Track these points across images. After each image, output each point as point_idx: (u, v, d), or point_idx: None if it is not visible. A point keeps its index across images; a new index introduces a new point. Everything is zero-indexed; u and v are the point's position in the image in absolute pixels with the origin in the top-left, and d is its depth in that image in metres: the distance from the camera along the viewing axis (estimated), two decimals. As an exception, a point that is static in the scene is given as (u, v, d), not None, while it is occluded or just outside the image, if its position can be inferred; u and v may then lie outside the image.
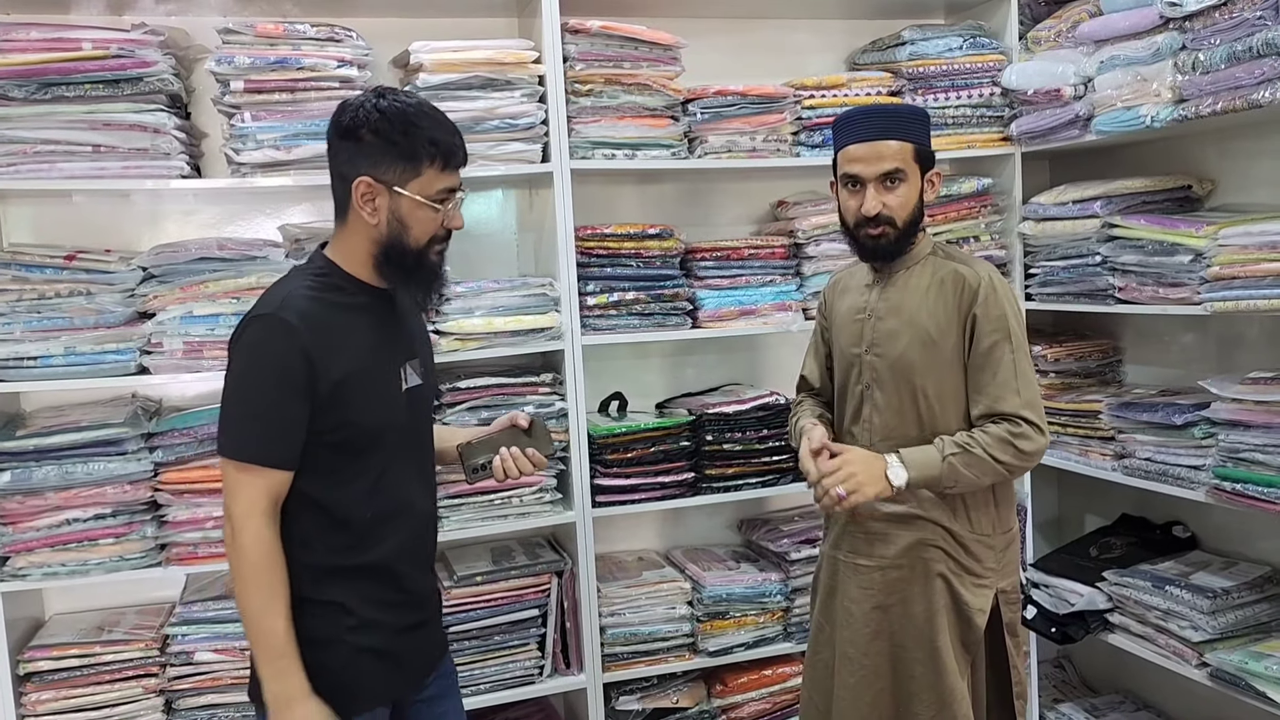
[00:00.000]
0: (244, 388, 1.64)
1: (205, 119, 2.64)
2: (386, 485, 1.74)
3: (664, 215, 2.94)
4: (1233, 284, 2.34)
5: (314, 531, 1.69)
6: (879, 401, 2.11)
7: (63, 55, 2.28)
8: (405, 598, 1.79)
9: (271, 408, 1.62)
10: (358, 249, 1.71)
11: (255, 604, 1.62)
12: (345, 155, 1.68)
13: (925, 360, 2.05)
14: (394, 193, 1.66)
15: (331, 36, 2.46)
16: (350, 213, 1.70)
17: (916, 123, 2.08)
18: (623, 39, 2.65)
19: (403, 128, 1.65)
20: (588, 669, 2.71)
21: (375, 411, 1.71)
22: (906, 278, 2.10)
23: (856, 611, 2.13)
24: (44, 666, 2.39)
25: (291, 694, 1.62)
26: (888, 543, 2.10)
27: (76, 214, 2.60)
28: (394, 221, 1.68)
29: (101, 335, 2.37)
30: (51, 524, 2.35)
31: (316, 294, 1.68)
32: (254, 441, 1.63)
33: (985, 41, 2.97)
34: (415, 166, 1.66)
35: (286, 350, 1.61)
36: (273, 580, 1.63)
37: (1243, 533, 2.75)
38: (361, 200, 1.66)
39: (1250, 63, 2.20)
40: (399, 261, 1.70)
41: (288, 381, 1.61)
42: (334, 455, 1.68)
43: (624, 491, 2.73)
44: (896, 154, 2.01)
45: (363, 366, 1.69)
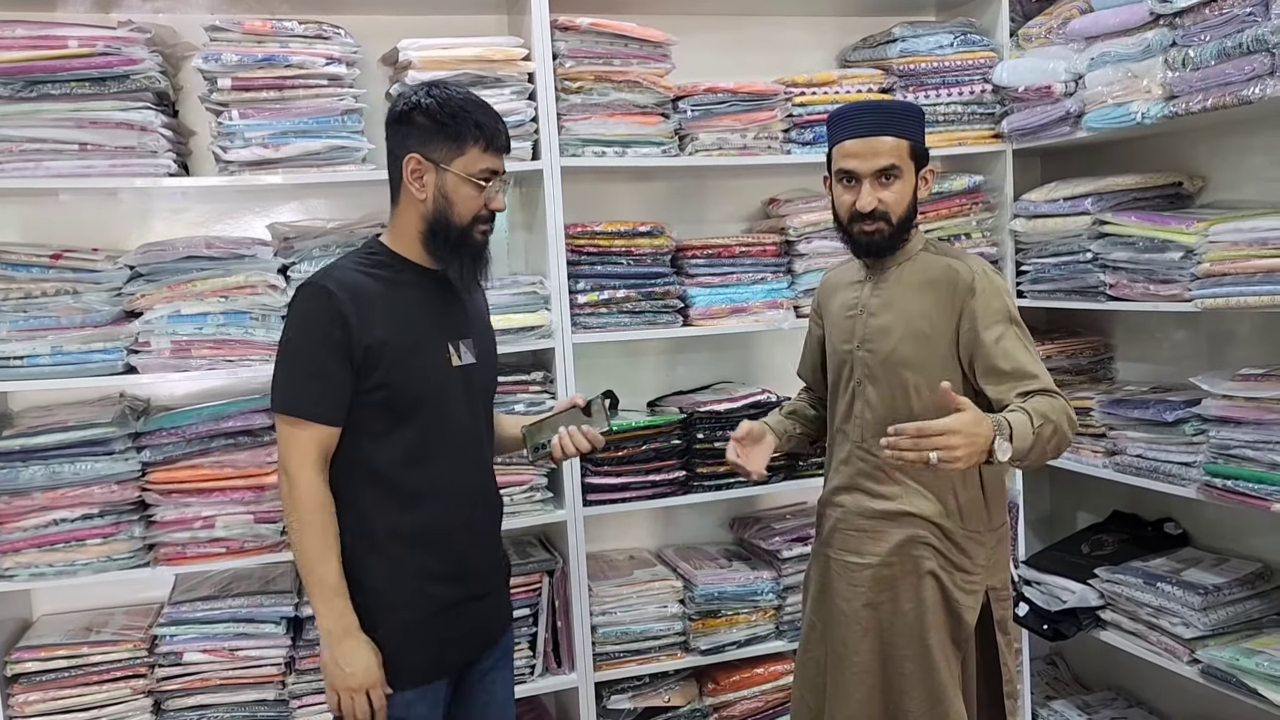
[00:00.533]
0: (289, 349, 1.80)
1: (193, 117, 2.62)
2: (433, 454, 1.84)
3: (655, 213, 2.94)
4: (1223, 281, 2.34)
5: (364, 495, 1.81)
6: (871, 397, 2.10)
7: (49, 53, 2.27)
8: (455, 570, 1.88)
9: (313, 366, 1.76)
10: (408, 228, 1.85)
11: (312, 549, 1.76)
12: (398, 138, 1.82)
13: (917, 356, 2.05)
14: (440, 170, 1.80)
15: (320, 34, 2.45)
16: (402, 192, 1.84)
17: (911, 119, 2.07)
18: (613, 36, 2.64)
19: (450, 111, 1.79)
20: (579, 668, 2.70)
21: (415, 378, 1.81)
22: (899, 274, 2.10)
23: (847, 609, 2.12)
24: (31, 668, 2.37)
25: (346, 628, 1.76)
26: (879, 540, 2.10)
27: (63, 212, 2.58)
28: (440, 198, 1.81)
29: (88, 334, 2.36)
30: (39, 524, 2.34)
31: (360, 268, 1.83)
32: (300, 397, 1.77)
33: (976, 38, 2.97)
34: (460, 146, 1.80)
35: (325, 313, 1.75)
36: (325, 526, 1.77)
37: (1234, 529, 2.75)
38: (411, 176, 1.80)
39: (1240, 59, 2.20)
40: (444, 237, 1.83)
41: (327, 342, 1.75)
42: (378, 416, 1.79)
43: (615, 490, 2.73)
44: (892, 150, 2.01)
45: (403, 334, 1.80)
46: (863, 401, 2.11)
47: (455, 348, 1.88)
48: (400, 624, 1.81)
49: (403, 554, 1.82)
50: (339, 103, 2.46)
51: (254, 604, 2.50)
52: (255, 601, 2.51)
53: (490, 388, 2.03)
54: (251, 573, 2.63)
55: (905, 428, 1.76)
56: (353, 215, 2.67)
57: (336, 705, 1.78)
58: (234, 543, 2.45)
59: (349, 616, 1.77)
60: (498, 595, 2.01)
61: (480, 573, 1.94)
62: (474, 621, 1.92)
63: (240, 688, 2.47)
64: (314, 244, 2.52)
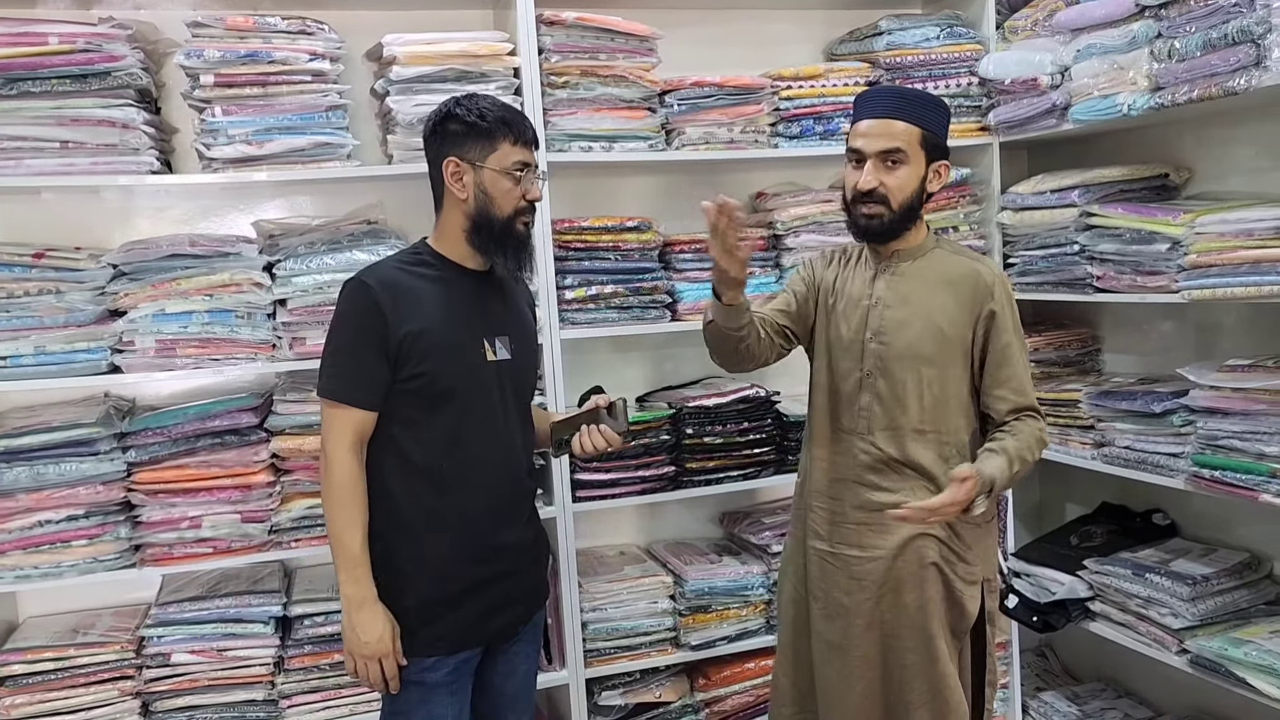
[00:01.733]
0: (332, 338, 1.93)
1: (176, 114, 2.60)
2: (466, 441, 1.94)
3: (642, 208, 2.93)
4: (1210, 272, 2.35)
5: (397, 479, 1.93)
6: (881, 390, 2.10)
7: (29, 50, 2.25)
8: (482, 551, 1.98)
9: (351, 354, 1.90)
10: (452, 229, 1.97)
11: (339, 521, 1.89)
12: (435, 147, 1.95)
13: (934, 352, 2.07)
14: (477, 168, 1.92)
15: (303, 29, 2.44)
16: (445, 196, 1.96)
17: (931, 110, 2.08)
18: (598, 30, 2.63)
19: (478, 112, 1.92)
20: (570, 664, 2.70)
21: (449, 368, 1.92)
22: (914, 269, 2.12)
23: (848, 603, 2.13)
24: (18, 670, 2.36)
25: (364, 597, 1.89)
26: (883, 534, 2.10)
27: (45, 211, 2.56)
28: (480, 194, 1.93)
29: (72, 334, 2.34)
30: (23, 526, 2.32)
31: (401, 266, 1.96)
32: (339, 382, 1.90)
33: (962, 31, 2.96)
34: (492, 143, 1.92)
35: (363, 305, 1.88)
36: (354, 502, 1.89)
37: (1222, 519, 2.77)
38: (451, 178, 1.93)
39: (1225, 50, 2.20)
40: (488, 231, 1.94)
41: (364, 331, 1.88)
42: (414, 403, 1.91)
43: (604, 486, 2.72)
44: (900, 134, 2.02)
45: (438, 326, 1.91)
46: (871, 394, 2.11)
47: (491, 343, 1.98)
48: (427, 598, 1.93)
49: (432, 535, 1.94)
50: (323, 99, 2.45)
51: (242, 604, 2.49)
52: (243, 601, 2.49)
53: (527, 382, 2.14)
54: (239, 572, 2.62)
55: (916, 510, 1.88)
56: (338, 212, 2.66)
57: (353, 669, 1.91)
58: (221, 542, 2.44)
59: (368, 587, 1.89)
60: (527, 574, 2.11)
61: (508, 553, 2.03)
62: (501, 598, 2.02)
63: (229, 688, 2.45)
64: (299, 241, 2.51)
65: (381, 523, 1.93)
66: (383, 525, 1.93)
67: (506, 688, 2.12)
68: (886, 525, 2.08)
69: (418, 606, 1.93)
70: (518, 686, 2.14)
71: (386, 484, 1.94)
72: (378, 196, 2.66)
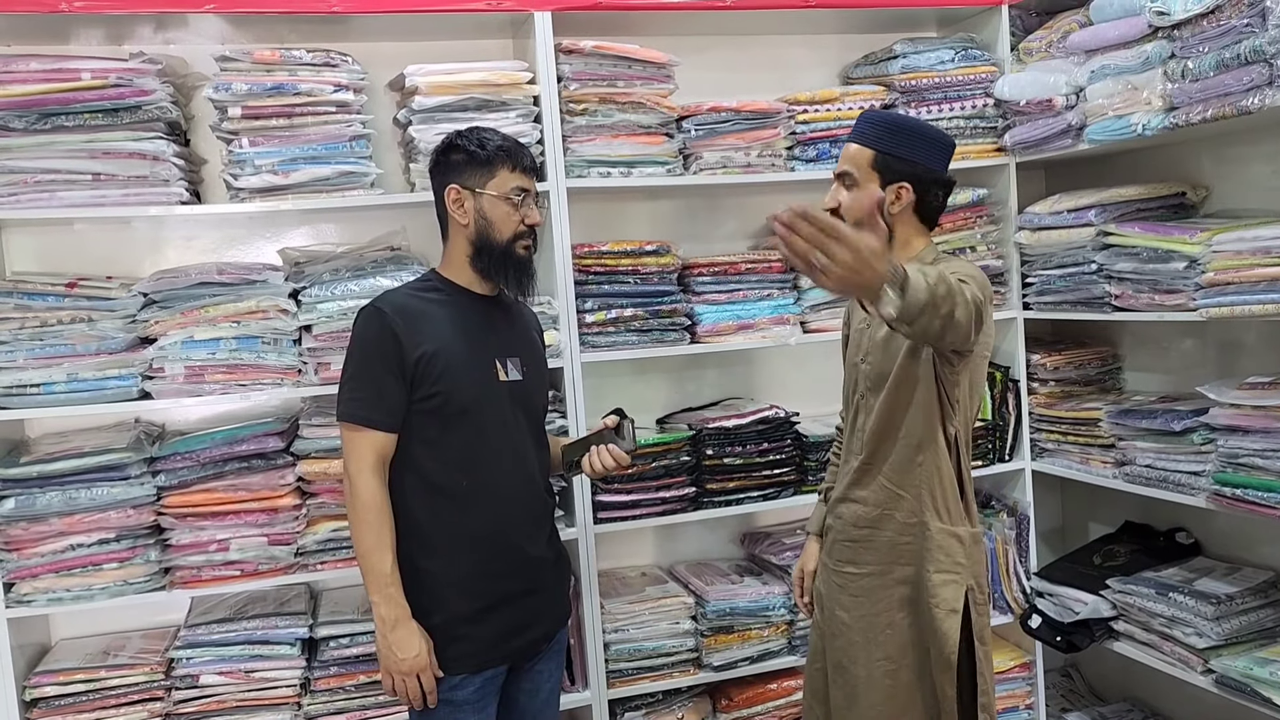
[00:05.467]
0: (349, 364, 1.99)
1: (204, 145, 2.66)
2: (484, 460, 2.00)
3: (660, 232, 2.96)
4: (1227, 290, 2.35)
5: (418, 498, 1.98)
6: (871, 408, 2.13)
7: (62, 85, 2.31)
8: (504, 567, 2.03)
9: (368, 377, 1.95)
10: (457, 255, 2.05)
11: (368, 542, 1.93)
12: (438, 177, 2.04)
13: (909, 370, 2.06)
14: (476, 194, 2.00)
15: (327, 62, 2.49)
16: (449, 223, 2.05)
17: (891, 133, 2.06)
18: (616, 58, 2.67)
19: (477, 142, 2.01)
20: (592, 685, 2.71)
21: (463, 388, 1.98)
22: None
23: (849, 620, 2.14)
24: (50, 692, 2.39)
25: (397, 615, 1.93)
26: (869, 549, 2.13)
27: (78, 242, 2.62)
28: (480, 219, 2.01)
29: (103, 361, 2.39)
30: (56, 550, 2.37)
31: (413, 292, 2.04)
32: (358, 405, 1.95)
33: (977, 53, 2.98)
34: (490, 169, 2.00)
35: (377, 330, 1.95)
36: (381, 523, 1.94)
37: (1246, 538, 2.75)
38: (453, 205, 2.01)
39: (1239, 70, 2.21)
40: (489, 255, 2.02)
41: (380, 355, 1.94)
42: (431, 423, 1.97)
43: (626, 507, 2.74)
44: (853, 157, 2.07)
45: (450, 347, 1.97)
46: (865, 414, 2.14)
47: (503, 364, 2.05)
48: (453, 616, 1.98)
49: (454, 552, 1.99)
50: (347, 129, 2.50)
51: (269, 626, 2.52)
52: (270, 623, 2.52)
53: (539, 402, 2.20)
54: (266, 595, 2.65)
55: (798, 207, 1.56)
56: (362, 239, 2.71)
57: (391, 688, 1.95)
58: (248, 565, 2.47)
59: (401, 605, 1.93)
60: (550, 592, 2.16)
61: (530, 570, 2.08)
62: (524, 615, 2.07)
63: (256, 709, 2.48)
64: (324, 268, 2.55)
65: (404, 542, 1.97)
66: (405, 545, 1.97)
67: (531, 706, 2.15)
68: (870, 540, 2.12)
69: (443, 624, 1.97)
70: (541, 705, 2.17)
71: (408, 503, 1.99)
72: (401, 223, 2.70)
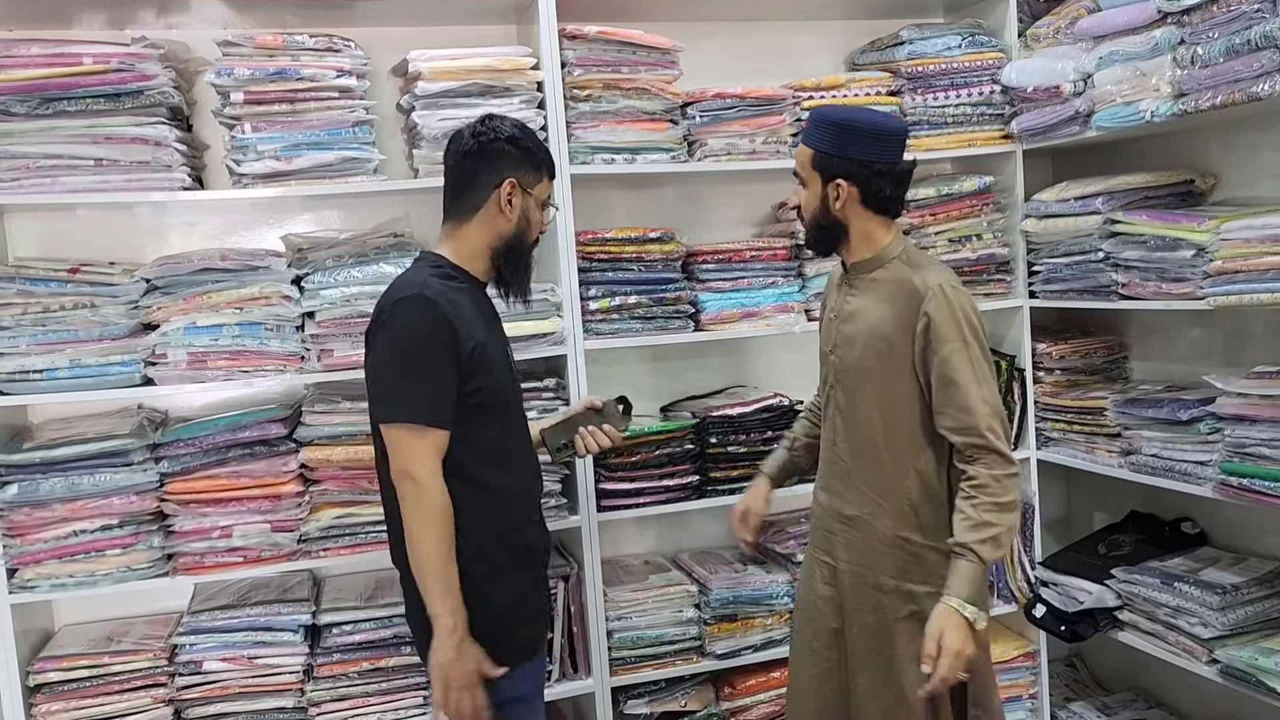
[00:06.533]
0: (406, 358, 1.84)
1: (207, 131, 2.65)
2: (513, 453, 2.00)
3: (664, 219, 2.94)
4: (1235, 278, 2.33)
5: (460, 493, 1.87)
6: (840, 403, 2.15)
7: (64, 70, 2.30)
8: (531, 555, 2.04)
9: (429, 373, 1.83)
10: (478, 245, 1.98)
11: (440, 549, 1.83)
12: (490, 162, 1.95)
13: (877, 366, 2.07)
14: (525, 195, 1.97)
15: (330, 47, 2.48)
16: (481, 213, 1.96)
17: (829, 131, 2.06)
18: (620, 44, 2.65)
19: (536, 142, 2.01)
20: (595, 673, 2.71)
21: (502, 380, 1.96)
22: (866, 281, 2.12)
23: (823, 607, 2.19)
24: (54, 678, 2.40)
25: (463, 628, 1.85)
26: (845, 545, 2.16)
27: (80, 227, 2.62)
28: (523, 220, 1.98)
29: (106, 347, 2.39)
30: (59, 536, 2.37)
31: (442, 279, 1.92)
32: (424, 404, 1.83)
33: (984, 40, 2.96)
34: (539, 174, 2.00)
35: (436, 321, 1.83)
36: (449, 532, 1.84)
37: (1252, 528, 2.74)
38: (505, 198, 1.95)
39: (1249, 56, 2.19)
40: (518, 256, 2.00)
41: (441, 348, 1.83)
42: (471, 418, 1.89)
43: (629, 495, 2.74)
44: (799, 157, 2.13)
45: (491, 338, 1.95)
46: (834, 405, 2.18)
47: (511, 354, 2.07)
48: (502, 607, 1.93)
49: (493, 547, 1.94)
50: (350, 114, 2.49)
51: (272, 612, 2.52)
52: (273, 610, 2.53)
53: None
54: (269, 581, 2.66)
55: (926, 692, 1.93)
56: (365, 225, 2.70)
57: (442, 700, 1.86)
58: (251, 552, 2.47)
59: (463, 615, 1.85)
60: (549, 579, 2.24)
61: (545, 557, 2.13)
62: (545, 601, 2.16)
63: (259, 695, 2.49)
64: (327, 254, 2.54)
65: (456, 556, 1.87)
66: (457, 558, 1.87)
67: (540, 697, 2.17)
68: (846, 535, 2.15)
69: (492, 620, 1.90)
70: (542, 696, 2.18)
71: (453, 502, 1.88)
72: (404, 210, 2.70)
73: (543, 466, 2.62)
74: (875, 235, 2.10)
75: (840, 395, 2.15)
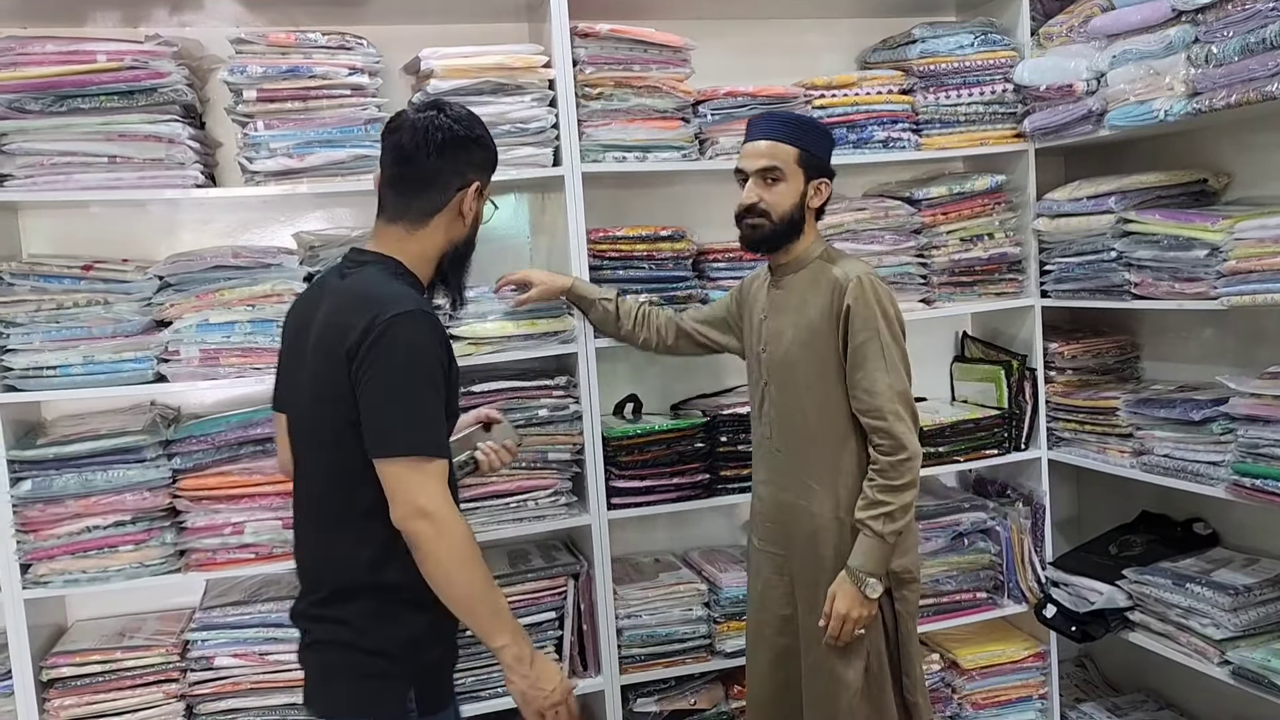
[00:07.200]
0: (416, 384, 1.64)
1: (219, 128, 2.66)
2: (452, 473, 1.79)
3: (676, 217, 2.94)
4: (1250, 278, 2.33)
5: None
6: (774, 397, 2.28)
7: (78, 68, 2.30)
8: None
9: (435, 398, 1.67)
10: (428, 250, 1.80)
11: (481, 582, 1.66)
12: (457, 163, 1.77)
13: (805, 358, 2.20)
14: (481, 196, 1.83)
15: (343, 44, 2.48)
16: (439, 216, 1.78)
17: (809, 133, 2.23)
18: (632, 42, 2.65)
19: (490, 139, 1.83)
20: (605, 671, 2.71)
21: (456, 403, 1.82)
22: (794, 279, 2.25)
23: (775, 595, 2.32)
24: (67, 673, 2.41)
25: (533, 649, 1.72)
26: (788, 533, 2.29)
27: (94, 224, 2.62)
28: (474, 221, 1.84)
29: (119, 344, 2.39)
30: (72, 531, 2.38)
31: (414, 290, 1.77)
32: (434, 433, 1.66)
33: (997, 38, 2.95)
34: (490, 170, 1.85)
35: (437, 342, 1.68)
36: (481, 556, 1.67)
37: (1265, 529, 2.73)
38: (468, 202, 1.79)
39: (1264, 55, 2.18)
40: (464, 259, 1.86)
41: (441, 372, 1.68)
42: None
43: (639, 493, 2.74)
44: (778, 154, 2.18)
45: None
46: (769, 401, 2.29)
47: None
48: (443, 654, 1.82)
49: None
50: (362, 112, 2.49)
51: (283, 609, 2.51)
52: (284, 606, 2.51)
53: None
54: (280, 578, 2.66)
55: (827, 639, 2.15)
56: (377, 223, 2.70)
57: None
58: (263, 548, 2.48)
59: (526, 636, 1.72)
60: None
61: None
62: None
63: (270, 691, 2.49)
64: (339, 252, 2.53)
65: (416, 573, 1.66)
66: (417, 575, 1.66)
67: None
68: (789, 524, 2.27)
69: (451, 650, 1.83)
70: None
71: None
72: (415, 208, 2.69)
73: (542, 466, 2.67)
74: (810, 235, 2.26)
75: (773, 389, 2.26)
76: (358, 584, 1.71)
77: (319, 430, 1.73)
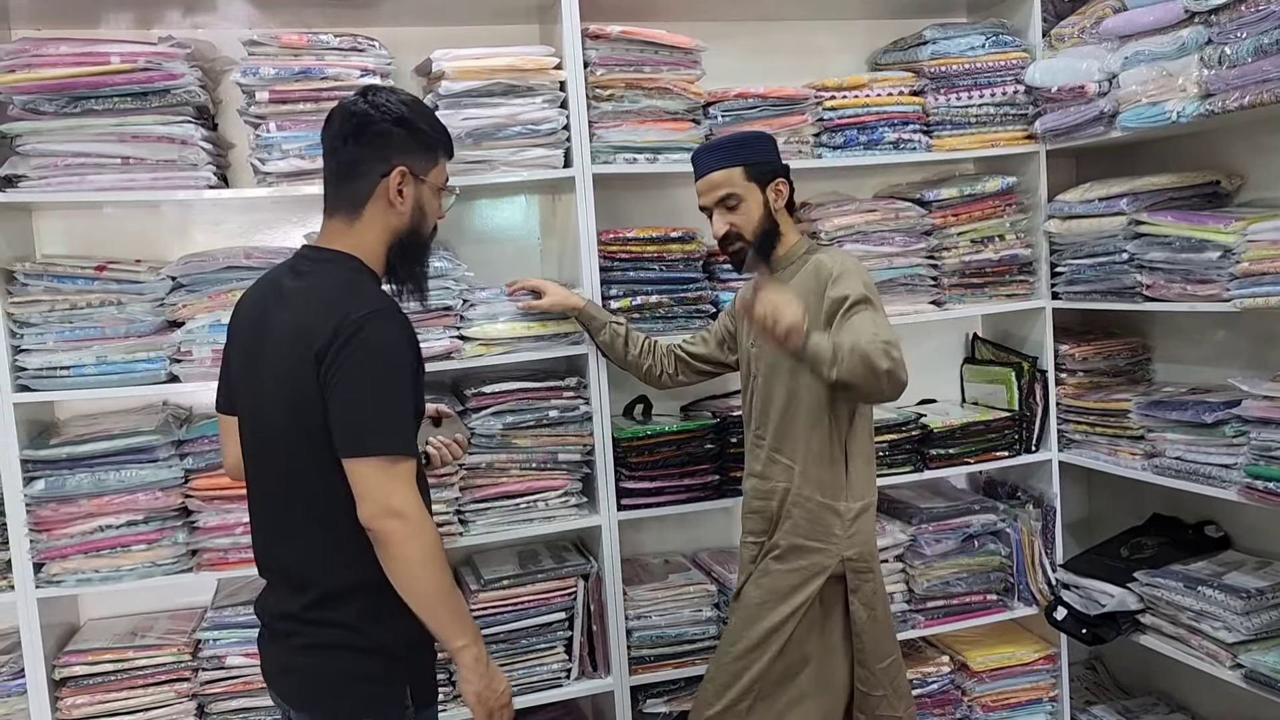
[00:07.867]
0: (388, 384, 1.64)
1: (232, 130, 2.67)
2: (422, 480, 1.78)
3: (687, 218, 2.94)
4: (1263, 280, 2.32)
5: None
6: (760, 387, 2.33)
7: (91, 69, 2.31)
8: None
9: (407, 399, 1.68)
10: (374, 243, 1.77)
11: (445, 582, 1.67)
12: (376, 148, 1.73)
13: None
14: (418, 182, 1.77)
15: (355, 46, 2.49)
16: (369, 206, 1.75)
17: (744, 148, 2.28)
18: (643, 43, 2.65)
19: (428, 120, 1.79)
20: (614, 672, 2.71)
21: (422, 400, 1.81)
22: (784, 276, 2.28)
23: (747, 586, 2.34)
24: (79, 671, 2.42)
25: (484, 653, 1.72)
26: (761, 519, 2.32)
27: (107, 225, 2.64)
28: (416, 210, 1.78)
29: (132, 344, 2.41)
30: (85, 531, 2.39)
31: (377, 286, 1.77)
32: (400, 433, 1.66)
33: (1008, 39, 2.95)
34: (434, 156, 1.80)
35: (408, 342, 1.70)
36: (446, 559, 1.68)
37: (1277, 532, 2.72)
38: (395, 189, 1.74)
39: (1277, 56, 2.18)
40: (413, 251, 1.81)
41: (411, 369, 1.69)
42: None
43: (649, 494, 2.74)
44: (726, 180, 2.25)
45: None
46: (756, 394, 2.34)
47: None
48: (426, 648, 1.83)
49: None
50: (374, 114, 2.49)
51: (294, 608, 2.53)
52: (295, 606, 2.54)
53: None
54: (291, 578, 2.67)
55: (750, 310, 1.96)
56: (388, 224, 2.70)
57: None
58: (274, 548, 2.49)
59: (481, 640, 1.73)
60: None
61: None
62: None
63: (281, 691, 2.50)
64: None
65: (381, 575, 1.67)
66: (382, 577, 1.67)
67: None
68: (762, 510, 2.32)
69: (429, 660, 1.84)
70: None
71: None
72: (426, 209, 2.70)
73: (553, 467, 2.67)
74: (790, 232, 2.32)
75: (760, 381, 2.32)
76: (353, 584, 1.70)
77: (284, 433, 1.70)
